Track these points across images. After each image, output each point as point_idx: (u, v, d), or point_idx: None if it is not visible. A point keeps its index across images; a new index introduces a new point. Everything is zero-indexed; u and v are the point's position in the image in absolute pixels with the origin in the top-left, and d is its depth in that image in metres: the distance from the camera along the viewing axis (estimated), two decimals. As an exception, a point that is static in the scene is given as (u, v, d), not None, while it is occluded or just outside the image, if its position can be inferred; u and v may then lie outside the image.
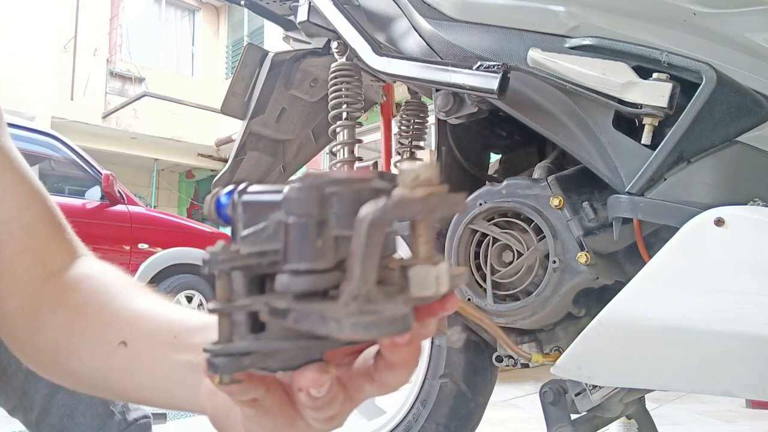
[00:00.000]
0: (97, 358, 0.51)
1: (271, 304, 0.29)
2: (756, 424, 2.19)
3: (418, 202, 0.26)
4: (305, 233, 0.28)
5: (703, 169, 0.85)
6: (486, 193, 1.07)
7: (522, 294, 1.03)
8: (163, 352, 0.47)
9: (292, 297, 0.28)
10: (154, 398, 0.50)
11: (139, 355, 0.49)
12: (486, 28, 1.05)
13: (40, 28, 9.40)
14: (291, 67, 1.44)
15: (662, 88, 0.85)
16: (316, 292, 0.28)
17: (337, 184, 0.28)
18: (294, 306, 0.27)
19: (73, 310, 0.53)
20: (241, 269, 0.30)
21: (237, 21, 11.54)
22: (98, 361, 0.51)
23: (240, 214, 0.32)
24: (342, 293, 0.27)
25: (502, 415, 2.33)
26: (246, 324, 0.30)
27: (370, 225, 0.26)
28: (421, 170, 0.27)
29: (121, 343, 0.49)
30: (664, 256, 0.84)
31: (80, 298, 0.54)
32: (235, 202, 0.32)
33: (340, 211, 0.28)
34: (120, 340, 0.49)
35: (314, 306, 0.27)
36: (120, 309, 0.52)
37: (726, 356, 0.82)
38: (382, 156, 3.44)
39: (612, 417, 1.22)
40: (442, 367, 1.23)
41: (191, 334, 0.46)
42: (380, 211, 0.26)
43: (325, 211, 0.28)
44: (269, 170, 1.57)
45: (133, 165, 11.11)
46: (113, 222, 4.56)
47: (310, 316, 0.27)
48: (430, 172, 0.27)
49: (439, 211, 0.27)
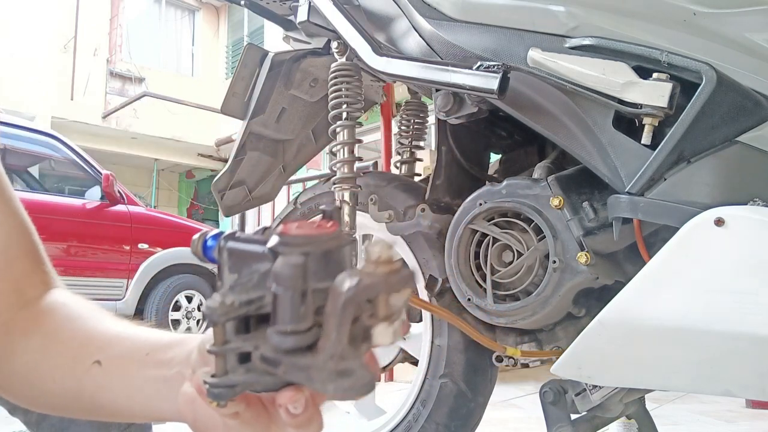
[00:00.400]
0: (71, 378, 0.55)
1: (264, 354, 0.35)
2: (756, 424, 2.19)
3: (382, 281, 0.34)
4: (291, 302, 0.34)
5: (703, 169, 0.85)
6: (486, 193, 1.07)
7: (522, 294, 1.03)
8: (136, 368, 0.52)
9: (282, 351, 0.35)
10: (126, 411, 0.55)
11: (113, 372, 0.54)
12: (486, 28, 1.05)
13: (40, 28, 9.40)
14: (291, 67, 1.44)
15: (662, 88, 0.85)
16: (301, 347, 0.35)
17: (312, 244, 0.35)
18: (283, 359, 0.35)
19: (48, 334, 0.58)
20: (233, 319, 0.36)
21: (237, 21, 11.54)
22: (72, 380, 0.55)
23: (225, 259, 0.38)
24: (321, 350, 0.34)
25: (502, 415, 2.33)
26: (237, 360, 0.37)
27: (345, 301, 0.33)
28: (383, 251, 0.34)
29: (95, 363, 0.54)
30: (664, 256, 0.84)
31: (54, 324, 0.59)
32: (221, 247, 0.38)
33: (316, 269, 0.35)
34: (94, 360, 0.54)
35: (300, 361, 0.34)
36: (93, 332, 0.57)
37: (726, 356, 0.82)
38: (382, 156, 3.45)
39: (612, 417, 1.22)
40: (442, 367, 1.23)
41: (162, 352, 0.52)
42: (353, 291, 0.33)
43: (306, 282, 0.35)
44: (269, 170, 1.56)
45: (133, 165, 11.11)
46: (113, 222, 4.56)
47: (297, 371, 0.35)
48: (390, 252, 0.34)
49: (397, 286, 0.34)
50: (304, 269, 0.34)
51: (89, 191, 4.63)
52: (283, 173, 1.60)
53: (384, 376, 3.19)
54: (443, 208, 1.20)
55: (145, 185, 11.24)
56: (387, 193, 1.31)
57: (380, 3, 1.24)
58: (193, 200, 12.19)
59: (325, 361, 0.34)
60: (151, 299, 4.71)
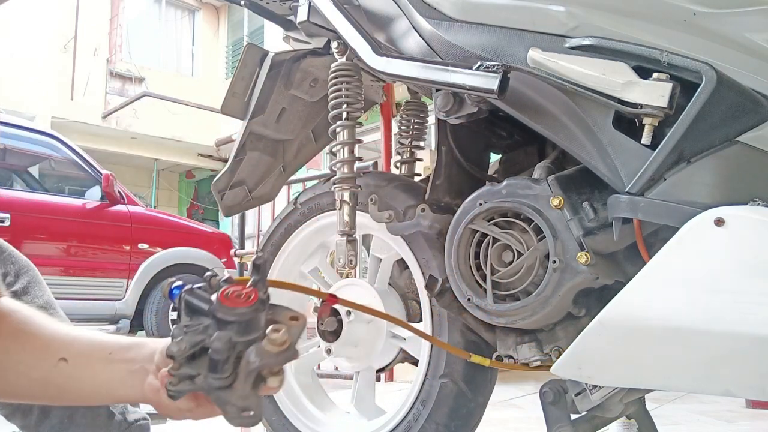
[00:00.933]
0: (37, 372, 0.67)
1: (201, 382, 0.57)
2: (756, 424, 2.19)
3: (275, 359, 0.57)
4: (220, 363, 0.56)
5: (703, 169, 0.85)
6: (486, 193, 1.07)
7: (522, 294, 1.03)
8: (102, 364, 0.67)
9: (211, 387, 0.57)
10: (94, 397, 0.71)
11: (80, 367, 0.67)
12: (486, 28, 1.04)
13: (40, 28, 9.40)
14: (291, 67, 1.44)
15: (662, 88, 0.85)
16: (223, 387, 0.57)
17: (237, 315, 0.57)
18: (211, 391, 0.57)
19: (7, 337, 0.68)
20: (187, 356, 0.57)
21: (237, 21, 11.54)
22: (38, 374, 0.67)
23: (183, 307, 0.59)
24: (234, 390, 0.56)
25: (502, 415, 2.33)
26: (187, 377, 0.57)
27: (250, 370, 0.56)
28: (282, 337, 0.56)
29: (62, 360, 0.67)
30: (663, 256, 0.84)
31: (11, 327, 0.69)
32: (181, 298, 0.59)
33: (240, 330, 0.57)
34: (59, 357, 0.67)
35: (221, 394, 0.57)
36: (54, 333, 0.70)
37: (726, 356, 0.82)
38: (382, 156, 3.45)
39: (612, 417, 1.22)
40: (442, 367, 1.23)
41: (124, 351, 0.67)
42: (257, 365, 0.56)
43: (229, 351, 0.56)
44: (269, 170, 1.56)
45: (133, 165, 11.12)
46: (113, 222, 4.56)
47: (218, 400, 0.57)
48: (286, 336, 0.56)
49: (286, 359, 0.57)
50: (230, 343, 0.56)
51: (89, 191, 4.63)
52: (283, 173, 1.60)
53: (384, 376, 3.19)
54: (443, 208, 1.20)
55: (145, 185, 11.24)
56: (387, 193, 1.31)
57: (380, 3, 1.24)
58: (193, 200, 12.19)
59: (236, 399, 0.56)
60: (151, 299, 4.71)
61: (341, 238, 1.28)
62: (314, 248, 1.57)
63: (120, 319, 4.54)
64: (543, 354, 1.10)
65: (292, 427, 1.48)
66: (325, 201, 1.46)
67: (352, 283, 1.44)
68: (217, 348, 0.55)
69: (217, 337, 0.55)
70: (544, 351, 1.10)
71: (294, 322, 0.60)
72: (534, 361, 1.10)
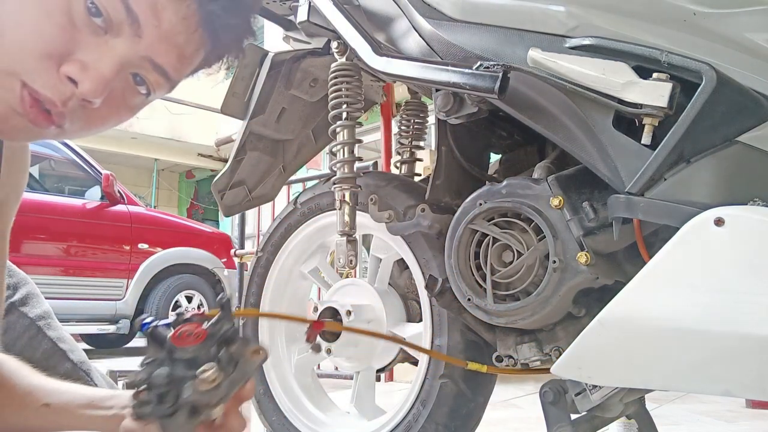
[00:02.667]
0: (19, 417, 0.75)
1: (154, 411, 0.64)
2: (756, 424, 2.19)
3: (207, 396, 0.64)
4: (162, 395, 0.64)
5: (703, 169, 0.85)
6: (486, 193, 1.07)
7: (522, 294, 1.03)
8: (82, 411, 0.74)
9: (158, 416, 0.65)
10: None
11: (61, 414, 0.75)
12: (486, 28, 1.04)
13: (40, 28, 9.38)
14: (291, 67, 1.44)
15: (662, 88, 0.85)
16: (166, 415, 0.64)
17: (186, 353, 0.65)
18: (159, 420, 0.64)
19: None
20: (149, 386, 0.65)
21: (237, 21, 11.52)
22: (21, 419, 0.75)
23: (148, 340, 0.66)
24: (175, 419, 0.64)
25: (502, 415, 2.33)
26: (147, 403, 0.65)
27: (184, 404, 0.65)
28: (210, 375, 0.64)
29: (44, 405, 0.74)
30: (663, 256, 0.84)
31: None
32: (146, 333, 0.66)
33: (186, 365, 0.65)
34: (42, 403, 0.74)
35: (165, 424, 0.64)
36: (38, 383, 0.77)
37: (726, 356, 0.82)
38: (382, 156, 3.45)
39: (612, 417, 1.22)
40: (442, 367, 1.23)
41: (101, 401, 0.75)
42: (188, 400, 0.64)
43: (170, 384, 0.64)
44: (269, 170, 1.57)
45: (133, 165, 11.11)
46: (113, 222, 4.56)
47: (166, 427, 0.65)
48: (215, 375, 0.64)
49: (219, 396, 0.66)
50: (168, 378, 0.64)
51: (89, 191, 4.64)
52: (283, 173, 1.60)
53: (384, 376, 3.19)
54: (443, 208, 1.20)
55: (145, 185, 11.24)
56: (387, 193, 1.31)
57: (380, 3, 1.24)
58: (193, 200, 12.19)
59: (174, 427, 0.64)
60: (151, 299, 4.72)
61: (341, 238, 1.28)
62: (314, 248, 1.57)
63: (120, 319, 4.55)
64: (543, 354, 1.10)
65: (292, 427, 1.48)
66: (325, 201, 1.46)
67: (352, 283, 1.44)
68: (154, 383, 0.64)
69: (157, 373, 0.64)
70: (544, 351, 1.10)
71: (255, 356, 0.67)
72: (534, 361, 1.10)
